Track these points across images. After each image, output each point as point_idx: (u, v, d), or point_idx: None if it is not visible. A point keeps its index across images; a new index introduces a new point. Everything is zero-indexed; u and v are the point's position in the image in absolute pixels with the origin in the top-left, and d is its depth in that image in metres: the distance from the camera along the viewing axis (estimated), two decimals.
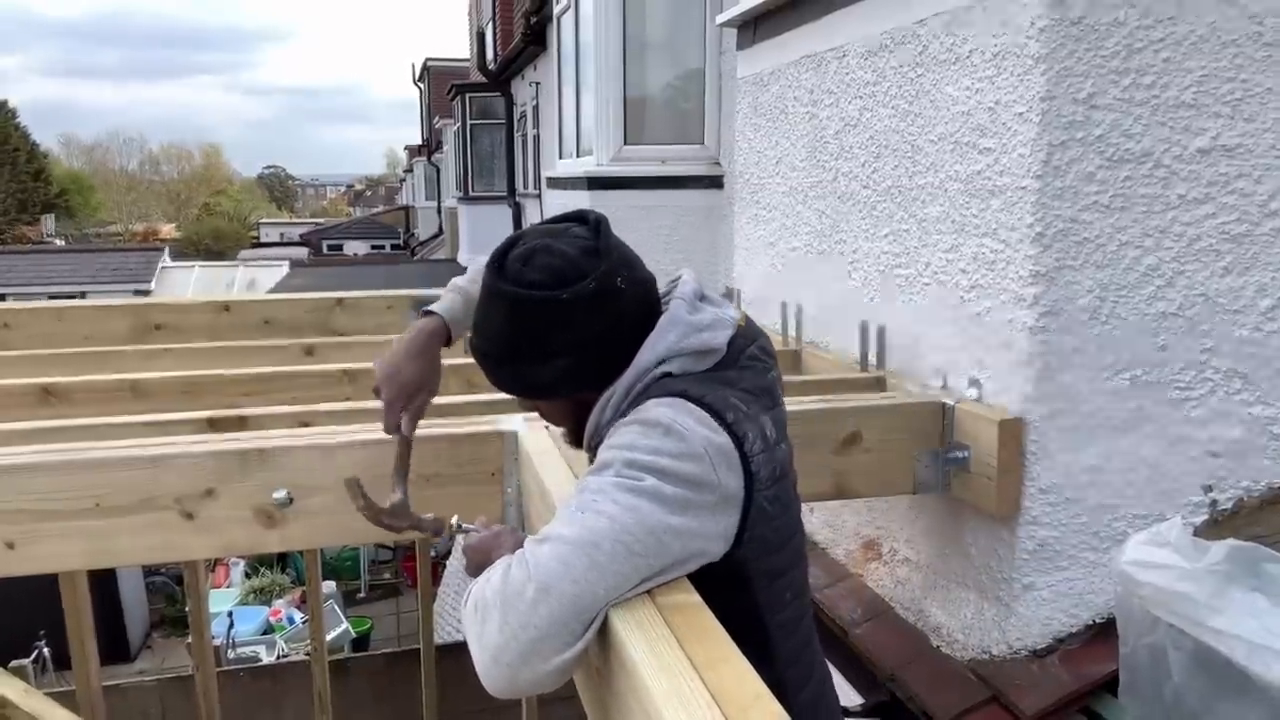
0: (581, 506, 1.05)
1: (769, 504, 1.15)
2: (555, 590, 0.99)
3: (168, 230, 44.95)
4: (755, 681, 0.90)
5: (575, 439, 1.31)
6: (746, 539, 1.13)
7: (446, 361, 1.56)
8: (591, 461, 1.28)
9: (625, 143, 5.01)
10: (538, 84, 10.10)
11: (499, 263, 1.19)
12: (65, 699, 2.49)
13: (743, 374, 1.21)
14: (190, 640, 3.77)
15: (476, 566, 1.23)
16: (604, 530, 1.01)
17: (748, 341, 1.26)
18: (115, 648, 8.14)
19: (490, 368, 1.24)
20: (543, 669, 1.00)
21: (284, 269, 18.97)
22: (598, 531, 1.02)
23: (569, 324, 1.15)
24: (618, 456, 1.08)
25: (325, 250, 33.35)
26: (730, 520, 1.11)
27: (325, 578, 7.65)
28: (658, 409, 1.11)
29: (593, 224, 1.21)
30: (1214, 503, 1.89)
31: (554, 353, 1.17)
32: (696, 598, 1.06)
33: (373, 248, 32.41)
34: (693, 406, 1.11)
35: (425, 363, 1.48)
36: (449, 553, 8.96)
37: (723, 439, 1.10)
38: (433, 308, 1.52)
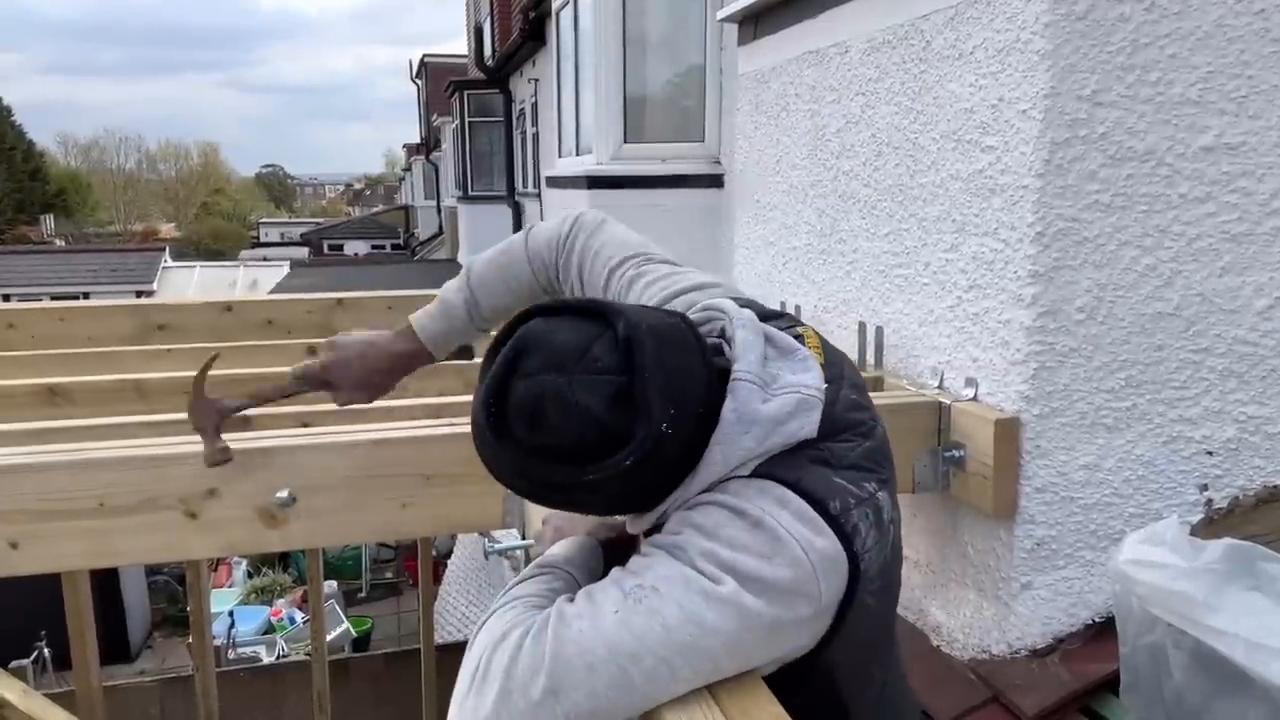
0: (637, 592, 0.85)
1: (873, 598, 0.94)
2: (566, 698, 0.82)
3: (167, 230, 44.99)
4: None
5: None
6: (838, 641, 0.93)
7: (446, 363, 1.57)
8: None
9: (625, 141, 5.02)
10: (536, 81, 10.09)
11: (495, 410, 0.88)
12: (65, 700, 2.50)
13: (842, 444, 0.95)
14: (191, 640, 3.77)
15: (552, 539, 1.13)
16: (652, 641, 0.83)
17: (836, 388, 0.98)
18: (116, 648, 8.16)
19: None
20: None
21: (285, 269, 19.01)
22: (645, 640, 0.83)
23: (600, 491, 0.90)
24: (694, 542, 0.88)
25: (326, 250, 33.41)
26: (820, 628, 0.91)
27: (327, 577, 7.65)
28: (744, 492, 0.90)
29: (623, 345, 0.87)
30: (1210, 502, 1.89)
31: (584, 505, 0.97)
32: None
33: (373, 247, 32.44)
34: (788, 494, 0.90)
35: (369, 375, 1.43)
36: (450, 552, 8.97)
37: (827, 541, 0.88)
38: (416, 327, 1.42)
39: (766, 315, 1.07)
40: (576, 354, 0.87)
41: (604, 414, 0.85)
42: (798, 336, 1.03)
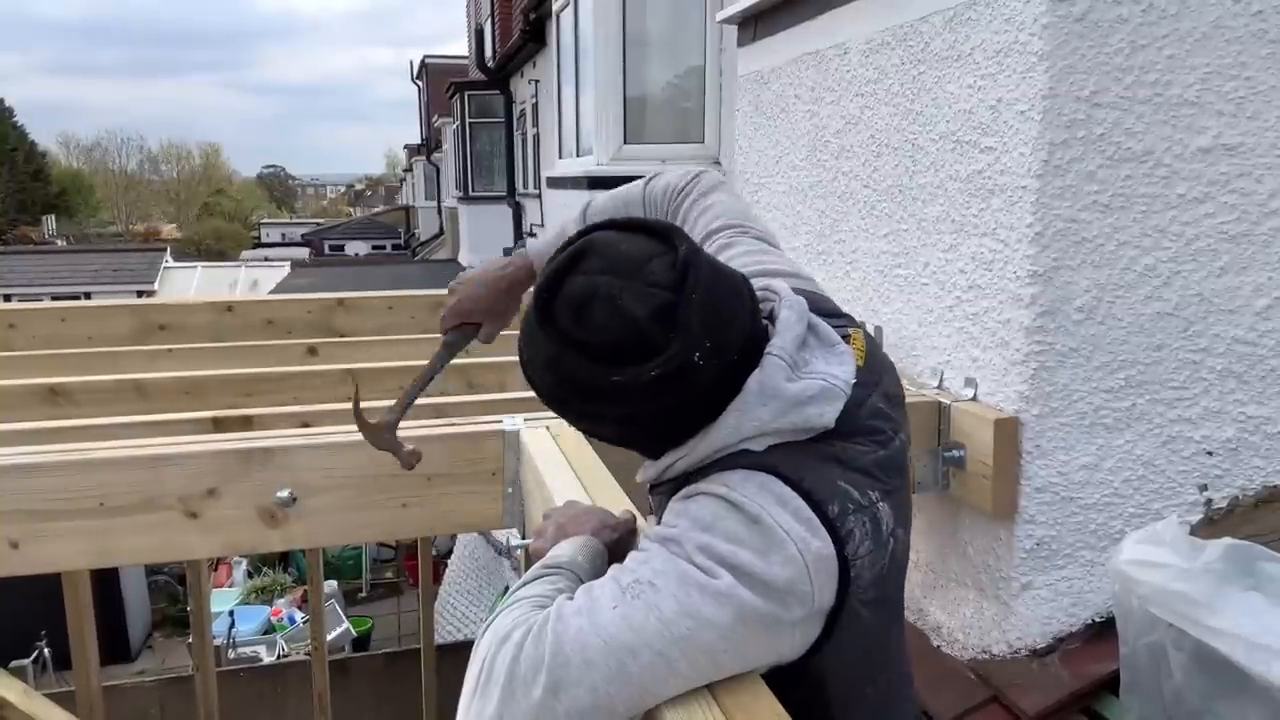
0: (634, 588, 0.86)
1: (864, 607, 0.93)
2: (567, 695, 0.83)
3: (169, 230, 45.03)
4: None
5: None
6: (829, 647, 0.93)
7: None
8: (651, 506, 1.12)
9: (625, 142, 5.03)
10: (537, 82, 10.10)
11: (547, 297, 0.92)
12: (65, 700, 2.50)
13: (857, 446, 0.95)
14: (191, 640, 3.78)
15: (554, 537, 1.13)
16: (649, 634, 0.84)
17: (867, 392, 0.98)
18: (116, 648, 8.16)
19: (537, 393, 1.02)
20: None
21: (286, 269, 19.02)
22: (642, 633, 0.84)
23: (620, 402, 0.91)
24: (691, 536, 0.88)
25: (327, 250, 33.43)
26: (812, 632, 0.91)
27: (327, 577, 7.66)
28: (743, 486, 0.90)
29: (680, 266, 0.89)
30: (1209, 502, 1.89)
31: (600, 418, 0.97)
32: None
33: (374, 248, 32.45)
34: (788, 492, 0.90)
35: (495, 299, 1.38)
36: (450, 552, 8.98)
37: (821, 542, 0.88)
38: (532, 254, 1.38)
39: (826, 312, 1.08)
40: (635, 264, 0.90)
41: (645, 323, 0.87)
42: (845, 335, 1.04)
